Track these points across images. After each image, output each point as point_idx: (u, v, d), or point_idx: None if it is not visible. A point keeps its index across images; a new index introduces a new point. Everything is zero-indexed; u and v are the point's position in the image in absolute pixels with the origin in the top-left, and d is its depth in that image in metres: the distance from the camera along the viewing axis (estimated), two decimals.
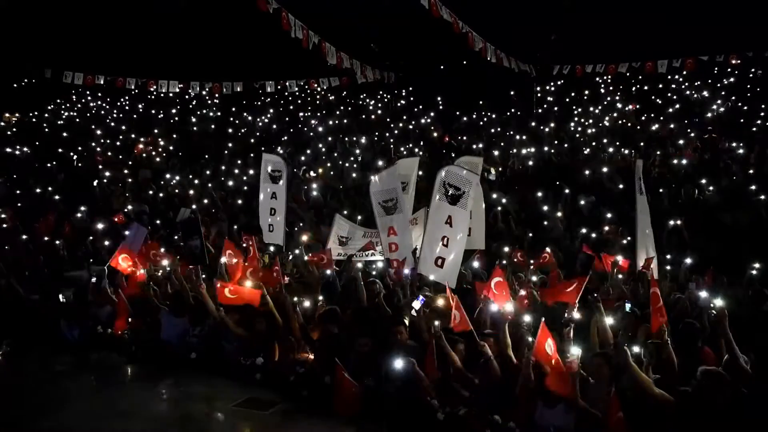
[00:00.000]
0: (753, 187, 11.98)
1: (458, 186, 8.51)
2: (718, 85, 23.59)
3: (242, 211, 14.30)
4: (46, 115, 27.16)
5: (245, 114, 26.79)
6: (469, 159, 10.99)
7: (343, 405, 6.20)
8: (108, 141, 22.26)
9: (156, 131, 23.75)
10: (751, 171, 13.53)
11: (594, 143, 17.90)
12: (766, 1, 21.74)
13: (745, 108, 19.98)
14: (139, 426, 6.23)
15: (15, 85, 29.67)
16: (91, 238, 11.88)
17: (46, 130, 24.25)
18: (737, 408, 4.88)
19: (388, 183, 9.19)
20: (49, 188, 16.02)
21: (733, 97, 21.35)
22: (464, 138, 20.05)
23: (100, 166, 18.23)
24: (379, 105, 27.99)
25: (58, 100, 29.65)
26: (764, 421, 4.80)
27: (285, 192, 11.06)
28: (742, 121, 18.46)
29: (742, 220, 11.14)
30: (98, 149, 20.97)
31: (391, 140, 20.47)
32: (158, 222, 13.44)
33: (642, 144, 17.08)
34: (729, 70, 24.64)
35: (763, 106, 19.24)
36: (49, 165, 18.70)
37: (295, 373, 6.86)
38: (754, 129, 17.14)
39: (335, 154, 19.25)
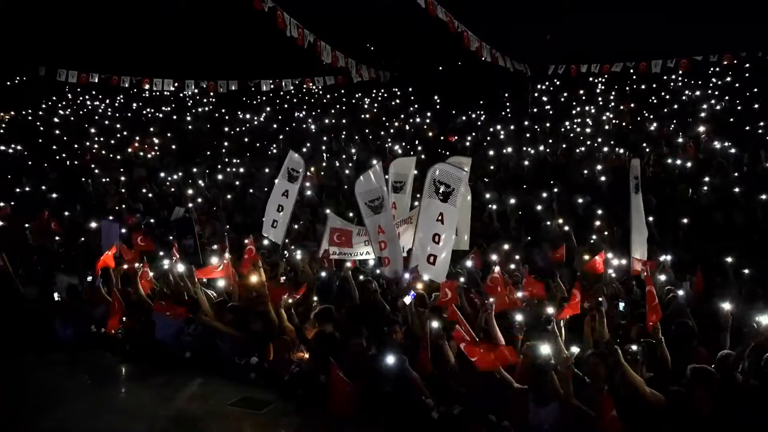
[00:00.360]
0: (743, 189, 12.02)
1: (448, 183, 8.53)
2: (710, 83, 23.67)
3: (236, 210, 14.30)
4: (40, 113, 27.05)
5: (239, 112, 26.75)
6: (458, 159, 10.96)
7: (337, 404, 6.19)
8: (102, 139, 22.18)
9: (151, 130, 23.69)
10: (744, 170, 13.60)
11: (589, 142, 17.94)
12: (759, 1, 21.88)
13: (739, 108, 20.07)
14: (134, 425, 6.20)
15: (8, 83, 29.54)
16: (82, 239, 11.84)
17: (40, 128, 24.14)
18: (728, 407, 4.90)
19: (372, 183, 9.19)
20: (42, 187, 15.95)
21: (727, 97, 21.44)
22: (466, 138, 20.07)
23: (93, 165, 18.16)
24: (375, 104, 27.98)
25: (54, 98, 29.53)
26: (755, 421, 4.82)
27: (297, 194, 11.02)
28: (731, 120, 18.53)
29: (735, 219, 11.20)
30: (94, 148, 20.90)
31: (388, 139, 20.50)
32: (152, 221, 13.42)
33: (636, 143, 17.13)
34: (719, 69, 24.72)
35: (756, 106, 19.32)
36: (42, 163, 18.63)
37: (290, 372, 6.86)
38: (747, 128, 17.19)
39: (330, 153, 19.24)
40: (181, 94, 30.34)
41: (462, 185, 8.70)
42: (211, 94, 30.15)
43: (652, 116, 20.39)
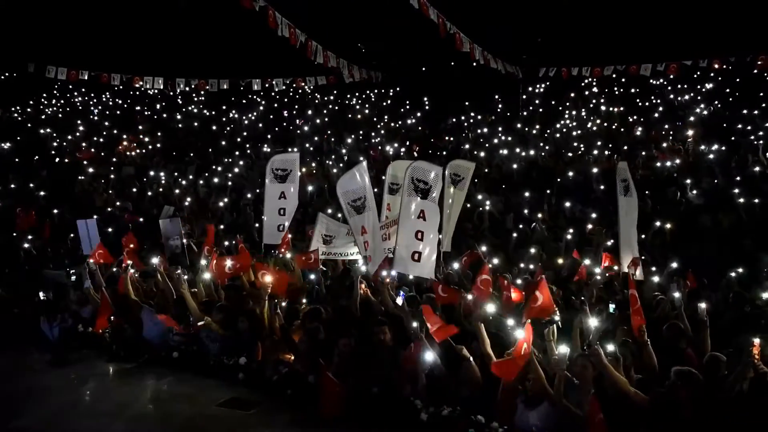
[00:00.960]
0: (731, 192, 12.11)
1: (426, 180, 8.54)
2: (698, 86, 23.86)
3: (227, 209, 14.24)
4: (29, 109, 26.81)
5: (229, 111, 26.66)
6: (459, 162, 10.91)
7: (327, 405, 6.19)
8: (92, 137, 22.03)
9: (140, 128, 23.56)
10: (732, 174, 13.69)
11: (578, 145, 18.01)
12: (747, 7, 22.11)
13: (727, 112, 20.23)
14: (121, 426, 6.17)
15: None
16: (72, 235, 11.74)
17: (29, 125, 23.93)
18: (712, 409, 4.92)
19: (354, 182, 9.17)
20: (31, 184, 15.82)
21: (716, 102, 21.61)
22: (458, 139, 20.12)
23: (85, 162, 18.03)
24: (366, 104, 27.97)
25: (45, 95, 29.27)
26: (740, 424, 4.85)
27: (296, 191, 10.82)
28: (721, 124, 18.68)
29: (722, 222, 11.29)
30: (83, 145, 20.77)
31: (378, 139, 20.50)
32: (141, 219, 13.34)
33: (626, 146, 17.22)
34: (710, 74, 24.93)
35: (744, 111, 19.48)
36: (30, 161, 18.46)
37: (279, 373, 6.84)
38: (737, 132, 17.33)
39: (321, 153, 19.22)
40: (171, 93, 30.16)
41: (439, 181, 8.71)
42: (202, 92, 30.00)
43: (642, 119, 20.52)
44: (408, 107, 26.14)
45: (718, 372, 5.27)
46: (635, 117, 21.04)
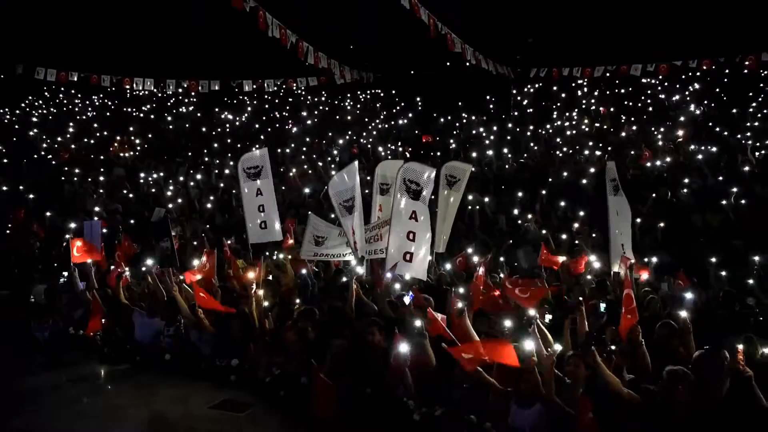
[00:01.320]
0: (724, 190, 12.18)
1: (417, 181, 8.55)
2: (688, 86, 24.02)
3: (219, 210, 14.20)
4: (17, 111, 26.61)
5: (218, 111, 26.58)
6: (456, 164, 10.88)
7: (320, 406, 6.18)
8: (82, 139, 21.90)
9: (131, 129, 23.45)
10: (721, 174, 13.77)
11: (568, 146, 18.06)
12: (736, 8, 22.32)
13: (717, 112, 20.35)
14: (112, 428, 6.14)
15: None
16: (67, 236, 11.67)
17: (17, 127, 23.75)
18: (704, 408, 4.95)
19: (345, 182, 9.15)
20: (20, 187, 15.71)
21: (706, 101, 21.74)
22: (448, 139, 20.13)
23: (66, 167, 17.91)
24: (358, 105, 27.95)
25: (31, 97, 29.04)
26: (731, 422, 4.88)
27: (271, 185, 10.70)
28: (710, 124, 18.79)
29: (711, 222, 11.34)
30: (72, 146, 20.64)
31: (370, 140, 20.50)
32: (132, 221, 13.28)
33: (614, 146, 17.29)
34: (698, 74, 25.11)
35: (734, 111, 19.62)
36: (20, 163, 18.34)
37: (271, 374, 6.82)
38: (725, 132, 17.44)
39: (313, 154, 19.18)
40: (162, 94, 30.03)
41: (431, 183, 8.71)
42: (193, 93, 29.89)
43: (633, 119, 20.61)
44: (400, 108, 26.14)
45: (706, 371, 5.29)
46: (625, 117, 21.12)
